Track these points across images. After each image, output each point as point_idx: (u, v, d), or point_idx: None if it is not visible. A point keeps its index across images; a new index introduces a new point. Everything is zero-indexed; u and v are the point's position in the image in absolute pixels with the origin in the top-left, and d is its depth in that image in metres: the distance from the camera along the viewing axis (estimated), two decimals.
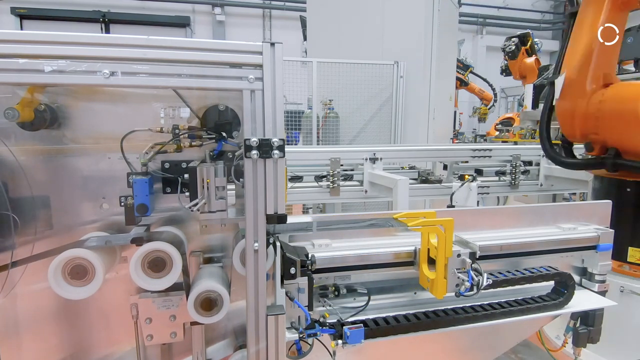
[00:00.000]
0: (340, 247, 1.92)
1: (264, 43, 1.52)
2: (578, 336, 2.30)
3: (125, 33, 1.71)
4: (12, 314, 1.77)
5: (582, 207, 2.43)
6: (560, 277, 2.14)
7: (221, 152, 1.84)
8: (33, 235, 1.72)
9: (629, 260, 2.95)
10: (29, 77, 1.39)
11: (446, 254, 1.80)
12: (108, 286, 1.77)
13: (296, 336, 1.74)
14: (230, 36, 16.58)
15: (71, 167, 1.77)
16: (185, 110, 1.84)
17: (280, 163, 1.57)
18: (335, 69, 5.90)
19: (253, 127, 1.54)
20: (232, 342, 1.99)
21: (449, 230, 1.80)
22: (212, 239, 1.95)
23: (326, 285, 1.93)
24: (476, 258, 1.91)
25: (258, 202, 1.57)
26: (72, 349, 1.88)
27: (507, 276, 2.05)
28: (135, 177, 1.69)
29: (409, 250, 1.95)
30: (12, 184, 1.70)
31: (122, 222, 1.78)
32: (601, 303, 2.24)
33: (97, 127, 1.77)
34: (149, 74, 1.45)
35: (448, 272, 1.81)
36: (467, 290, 1.83)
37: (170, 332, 1.86)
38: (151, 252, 1.64)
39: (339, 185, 3.79)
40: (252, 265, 1.60)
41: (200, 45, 1.50)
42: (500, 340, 2.27)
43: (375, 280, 2.05)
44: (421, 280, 1.94)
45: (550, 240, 2.16)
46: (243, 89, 1.53)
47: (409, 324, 1.88)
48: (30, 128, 1.64)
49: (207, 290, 1.67)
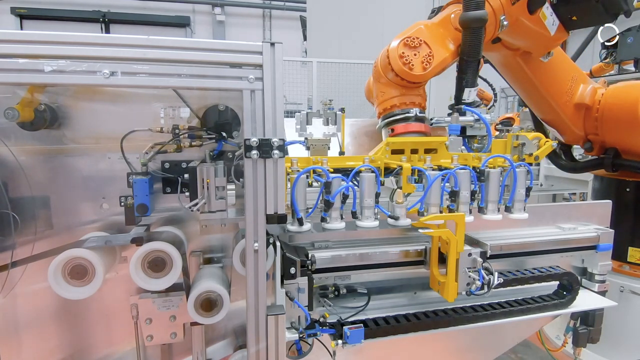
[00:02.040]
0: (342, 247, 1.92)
1: (264, 43, 1.52)
2: (578, 336, 2.31)
3: (125, 33, 1.71)
4: (12, 314, 1.77)
5: (582, 207, 2.43)
6: (569, 277, 2.15)
7: (221, 152, 1.84)
8: (33, 235, 1.72)
9: (629, 260, 2.95)
10: (29, 77, 1.39)
11: (458, 249, 1.80)
12: (108, 286, 1.77)
13: (296, 336, 1.74)
14: (230, 36, 16.57)
15: (71, 167, 1.77)
16: (185, 110, 1.84)
17: (280, 163, 1.57)
18: (335, 69, 5.91)
19: (253, 127, 1.54)
20: (232, 342, 1.99)
21: (461, 225, 1.81)
22: (212, 239, 1.95)
23: (326, 285, 1.93)
24: (487, 257, 1.92)
25: (258, 202, 1.57)
26: (72, 349, 1.88)
27: (517, 275, 2.06)
28: (135, 177, 1.69)
29: (419, 248, 1.95)
30: (12, 183, 1.70)
31: (122, 222, 1.77)
32: (601, 303, 2.24)
33: (97, 127, 1.77)
34: (149, 74, 1.45)
35: (459, 271, 1.81)
36: (478, 289, 1.84)
37: (170, 332, 1.86)
38: (151, 252, 1.64)
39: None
40: (252, 265, 1.60)
41: (200, 45, 1.50)
42: (500, 340, 2.28)
43: (375, 280, 2.05)
44: (432, 283, 1.95)
45: (551, 240, 2.16)
46: (243, 89, 1.53)
47: (409, 324, 1.89)
48: (30, 128, 1.64)
49: (207, 291, 1.67)
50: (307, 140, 2.00)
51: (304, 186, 1.81)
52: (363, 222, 1.89)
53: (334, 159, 1.94)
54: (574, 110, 2.87)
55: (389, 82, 2.22)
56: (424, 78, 2.14)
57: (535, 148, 2.18)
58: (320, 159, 1.89)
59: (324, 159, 1.89)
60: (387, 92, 2.25)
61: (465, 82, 2.19)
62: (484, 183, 2.02)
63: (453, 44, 2.18)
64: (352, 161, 1.98)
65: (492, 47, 2.54)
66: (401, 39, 2.13)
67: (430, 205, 1.91)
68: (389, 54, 2.13)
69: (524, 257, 2.17)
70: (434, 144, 2.11)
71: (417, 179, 1.96)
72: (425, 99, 2.28)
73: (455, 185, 1.93)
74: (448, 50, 2.16)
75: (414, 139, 2.13)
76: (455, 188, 1.94)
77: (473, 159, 2.07)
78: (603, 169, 3.03)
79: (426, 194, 1.90)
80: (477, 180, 1.98)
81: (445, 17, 2.25)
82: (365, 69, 5.89)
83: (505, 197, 2.08)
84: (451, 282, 1.82)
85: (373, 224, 1.89)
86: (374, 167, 1.91)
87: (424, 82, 2.23)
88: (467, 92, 2.22)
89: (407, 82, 2.16)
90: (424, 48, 2.12)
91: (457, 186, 1.93)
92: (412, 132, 2.19)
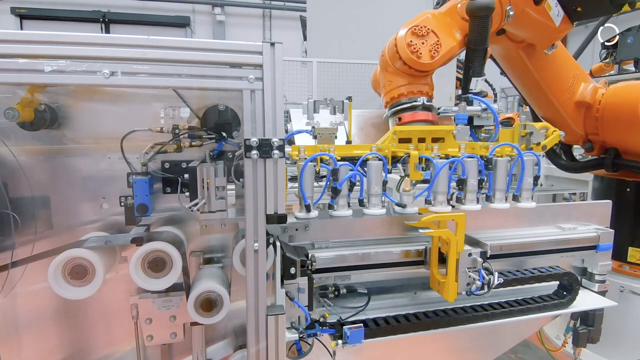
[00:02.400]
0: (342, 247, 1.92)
1: (264, 43, 1.52)
2: (578, 336, 2.31)
3: (125, 33, 1.71)
4: (12, 314, 1.77)
5: (582, 207, 2.43)
6: (569, 277, 2.15)
7: (221, 152, 1.84)
8: (33, 235, 1.72)
9: (629, 260, 2.95)
10: (29, 77, 1.39)
11: (458, 249, 1.80)
12: (108, 286, 1.77)
13: (296, 336, 1.74)
14: (230, 36, 16.57)
15: (71, 167, 1.77)
16: (185, 110, 1.84)
17: (280, 163, 1.57)
18: (335, 69, 5.90)
19: (253, 127, 1.54)
20: (232, 342, 1.99)
21: (461, 225, 1.81)
22: (212, 239, 1.95)
23: (326, 285, 1.93)
24: (487, 257, 1.92)
25: (258, 202, 1.57)
26: (72, 349, 1.88)
27: (517, 275, 2.06)
28: (135, 177, 1.69)
29: (419, 248, 1.95)
30: (12, 183, 1.70)
31: (122, 222, 1.77)
32: (601, 303, 2.24)
33: (97, 127, 1.77)
34: (149, 74, 1.45)
35: (459, 271, 1.81)
36: (478, 289, 1.84)
37: (170, 332, 1.86)
38: (151, 252, 1.64)
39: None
40: (252, 265, 1.60)
41: (200, 45, 1.50)
42: (500, 340, 2.27)
43: (375, 280, 2.05)
44: (432, 283, 1.94)
45: (551, 240, 2.16)
46: (243, 89, 1.53)
47: (409, 324, 1.89)
48: (30, 128, 1.64)
49: (207, 291, 1.67)
50: (314, 129, 2.00)
51: (311, 173, 1.82)
52: (370, 209, 1.88)
53: (341, 147, 1.94)
54: (574, 108, 2.87)
55: (396, 71, 2.23)
56: (432, 66, 2.16)
57: (543, 137, 2.18)
58: (327, 147, 1.90)
59: (331, 147, 1.89)
60: (395, 81, 2.26)
61: (473, 72, 2.21)
62: (491, 171, 2.02)
63: (460, 34, 2.19)
64: (359, 150, 1.98)
65: (496, 39, 2.55)
66: (409, 28, 2.14)
67: (438, 193, 1.92)
68: (397, 42, 2.14)
69: (524, 257, 2.17)
70: (441, 132, 2.11)
71: (425, 167, 1.96)
72: (432, 88, 2.29)
73: (463, 174, 1.94)
74: (455, 39, 2.17)
75: (421, 127, 2.14)
76: (463, 176, 1.94)
77: (480, 148, 2.07)
78: (603, 169, 3.04)
79: (434, 182, 1.90)
80: (484, 168, 1.99)
81: (452, 6, 2.26)
82: (365, 69, 5.88)
83: (513, 187, 2.09)
84: (451, 282, 1.82)
85: (380, 212, 1.89)
86: (381, 155, 1.91)
87: (432, 71, 2.25)
88: (474, 81, 2.24)
89: (415, 71, 2.17)
90: (431, 37, 2.13)
91: (464, 174, 1.93)
92: (419, 121, 2.20)
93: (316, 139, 1.97)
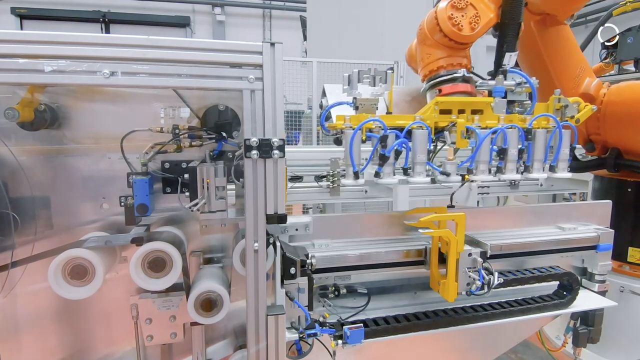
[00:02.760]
0: (342, 247, 1.92)
1: (264, 43, 1.52)
2: (578, 336, 2.31)
3: (125, 33, 1.71)
4: (12, 314, 1.77)
5: (582, 207, 2.43)
6: (569, 277, 2.15)
7: (221, 152, 1.84)
8: (33, 235, 1.72)
9: (629, 260, 2.95)
10: (29, 77, 1.39)
11: (458, 249, 1.81)
12: (108, 286, 1.77)
13: (296, 336, 1.74)
14: (230, 36, 16.58)
15: (71, 167, 1.77)
16: (185, 110, 1.84)
17: (280, 163, 1.57)
18: (335, 69, 5.90)
19: (253, 127, 1.55)
20: (232, 342, 1.99)
21: (461, 225, 1.82)
22: (212, 239, 1.95)
23: (326, 285, 1.93)
24: (487, 257, 1.92)
25: (258, 202, 1.57)
26: (72, 349, 1.88)
27: (517, 275, 2.06)
28: (135, 177, 1.69)
29: (419, 248, 1.96)
30: (12, 183, 1.70)
31: (122, 222, 1.77)
32: (601, 303, 2.24)
33: (97, 127, 1.77)
34: (149, 74, 1.45)
35: (459, 271, 1.82)
36: (478, 289, 1.84)
37: (170, 332, 1.86)
38: (151, 252, 1.64)
39: (339, 185, 3.78)
40: (252, 265, 1.60)
41: (200, 45, 1.50)
42: (500, 340, 2.27)
43: (375, 280, 2.05)
44: (432, 283, 1.95)
45: (551, 240, 2.16)
46: (243, 89, 1.53)
47: (409, 324, 1.89)
48: (30, 128, 1.64)
49: (207, 291, 1.67)
50: (355, 100, 2.01)
51: (359, 142, 1.85)
52: (415, 177, 1.90)
53: (385, 117, 1.95)
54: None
55: (435, 44, 2.26)
56: (472, 39, 2.18)
57: (576, 111, 2.20)
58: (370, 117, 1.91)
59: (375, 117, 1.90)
60: (434, 53, 2.28)
61: (507, 47, 2.23)
62: (531, 142, 2.04)
63: (494, 5, 2.22)
64: (402, 120, 1.98)
65: None
66: (448, 1, 2.16)
67: (480, 162, 1.95)
68: (437, 15, 2.17)
69: (524, 257, 2.17)
70: (481, 104, 2.12)
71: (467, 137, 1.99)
72: (470, 61, 2.32)
73: (504, 143, 1.96)
74: (492, 10, 2.20)
75: (462, 99, 2.15)
76: (504, 145, 1.96)
77: (519, 120, 2.09)
78: (604, 169, 3.03)
79: (477, 151, 1.93)
80: (524, 139, 2.01)
81: None
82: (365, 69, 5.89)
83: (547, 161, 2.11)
84: (451, 282, 1.82)
85: (425, 180, 1.91)
86: (425, 124, 1.93)
87: (471, 43, 2.27)
88: (508, 56, 2.25)
89: (455, 43, 2.20)
90: (470, 9, 2.16)
91: (506, 143, 1.96)
92: (459, 92, 2.21)
93: (357, 110, 1.99)
